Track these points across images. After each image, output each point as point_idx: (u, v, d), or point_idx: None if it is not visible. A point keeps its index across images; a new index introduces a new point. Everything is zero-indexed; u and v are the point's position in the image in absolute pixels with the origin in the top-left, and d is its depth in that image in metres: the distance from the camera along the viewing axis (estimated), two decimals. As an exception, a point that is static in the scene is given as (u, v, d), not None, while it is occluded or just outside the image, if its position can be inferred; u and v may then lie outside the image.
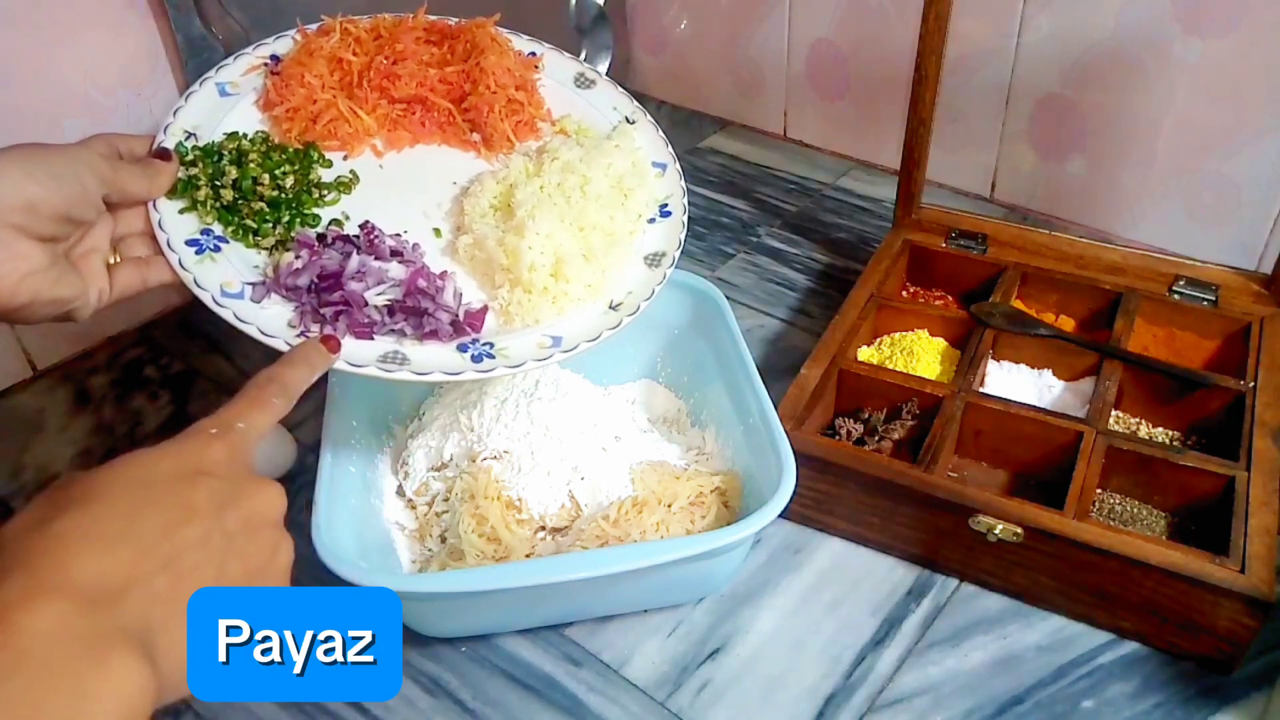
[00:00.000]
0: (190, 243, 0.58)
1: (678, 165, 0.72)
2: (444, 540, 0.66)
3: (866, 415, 0.74)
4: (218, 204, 0.60)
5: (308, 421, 0.80)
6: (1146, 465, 0.66)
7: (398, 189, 0.67)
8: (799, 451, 0.61)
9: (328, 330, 0.57)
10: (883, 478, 0.64)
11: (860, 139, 1.11)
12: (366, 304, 0.58)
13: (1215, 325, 0.76)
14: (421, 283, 0.59)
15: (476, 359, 0.59)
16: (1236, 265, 0.79)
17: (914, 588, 0.66)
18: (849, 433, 0.73)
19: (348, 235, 0.61)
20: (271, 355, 0.54)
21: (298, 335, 0.57)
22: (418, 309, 0.59)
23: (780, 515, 0.57)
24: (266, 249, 0.60)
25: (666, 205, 0.70)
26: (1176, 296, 0.78)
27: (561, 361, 0.61)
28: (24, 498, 0.75)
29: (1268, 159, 0.85)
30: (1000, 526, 0.61)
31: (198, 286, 0.57)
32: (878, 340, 0.80)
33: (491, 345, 0.60)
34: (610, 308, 0.64)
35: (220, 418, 0.45)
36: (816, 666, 0.61)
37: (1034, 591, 0.64)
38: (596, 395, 0.73)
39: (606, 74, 0.76)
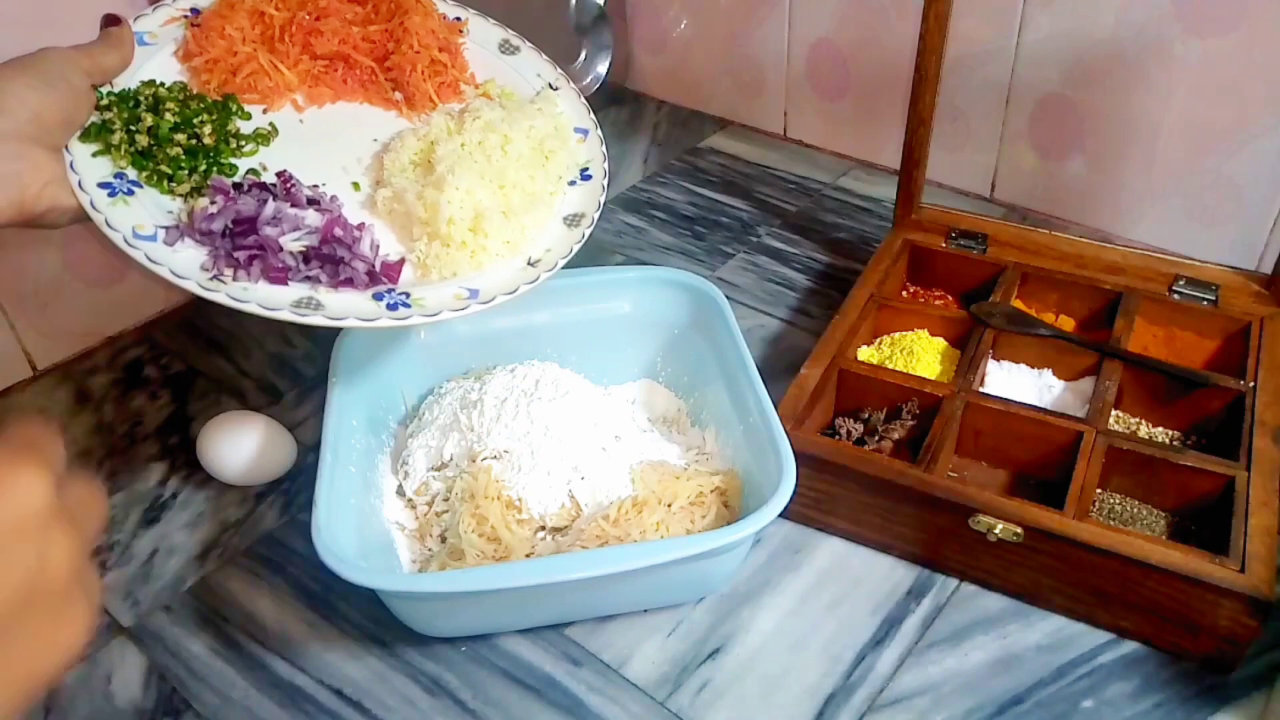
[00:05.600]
0: (103, 185, 0.58)
1: (599, 132, 0.73)
2: (444, 540, 0.66)
3: (866, 415, 0.74)
4: (132, 149, 0.60)
5: (308, 421, 0.80)
6: (1146, 465, 0.66)
7: (317, 143, 0.67)
8: (799, 451, 0.61)
9: (241, 274, 0.57)
10: (883, 478, 0.64)
11: (860, 139, 1.11)
12: (281, 249, 0.58)
13: (1215, 325, 0.76)
14: (338, 231, 0.60)
15: (392, 307, 0.59)
16: (1236, 265, 0.79)
17: (914, 587, 0.66)
18: (849, 433, 0.73)
19: (264, 183, 0.62)
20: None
21: (211, 279, 0.57)
22: (333, 257, 0.59)
23: (780, 515, 0.57)
24: (182, 195, 0.60)
25: (587, 169, 0.71)
26: (1176, 296, 0.78)
27: (478, 313, 0.61)
28: (24, 498, 0.75)
29: (1268, 159, 0.85)
30: (1000, 526, 0.61)
31: (109, 227, 0.56)
32: (878, 340, 0.80)
33: (408, 295, 0.60)
34: (529, 264, 0.65)
35: None
36: (816, 666, 0.61)
37: (1034, 591, 0.64)
38: (596, 395, 0.73)
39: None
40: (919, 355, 0.77)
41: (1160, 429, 0.73)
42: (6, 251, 0.80)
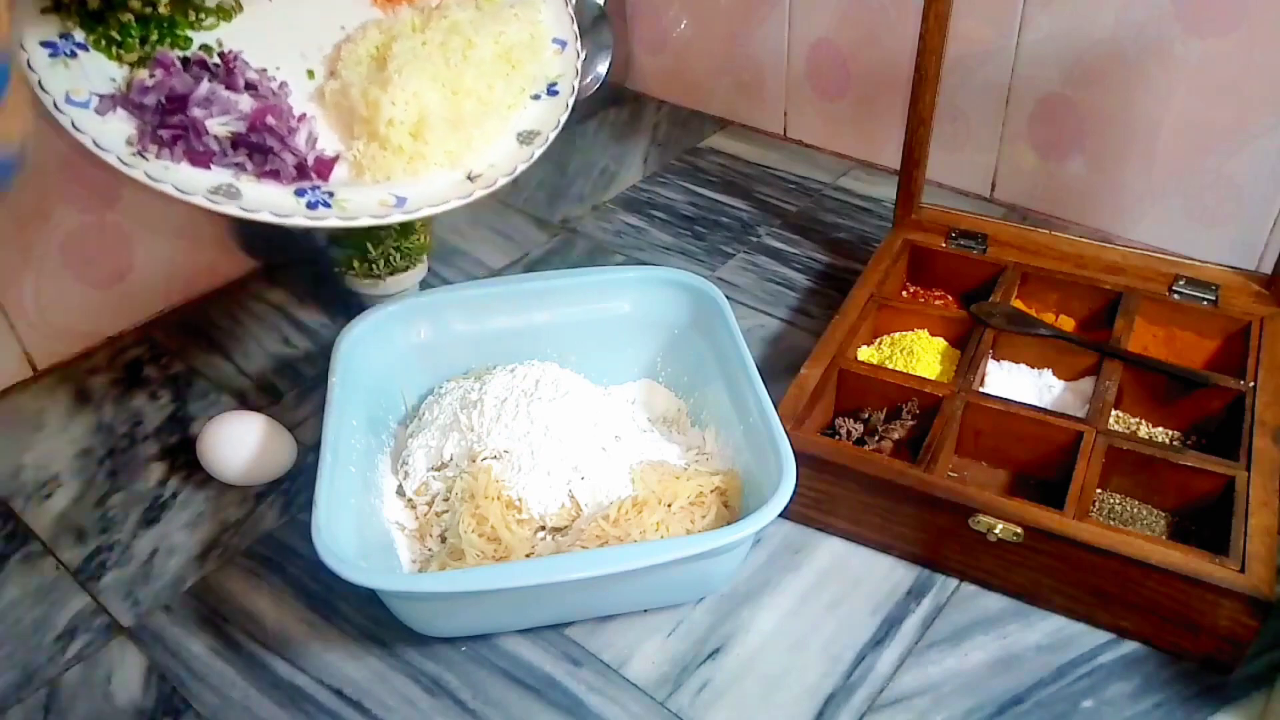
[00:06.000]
0: (46, 44, 0.56)
1: (579, 46, 0.69)
2: (444, 540, 0.66)
3: (866, 415, 0.74)
4: (83, 9, 0.57)
5: (308, 421, 0.80)
6: (1146, 465, 0.66)
7: (281, 24, 0.64)
8: (799, 451, 0.61)
9: (164, 153, 0.55)
10: (883, 478, 0.64)
11: (860, 139, 1.11)
12: (206, 132, 0.57)
13: (1215, 325, 0.76)
14: (270, 120, 0.58)
15: (311, 205, 0.57)
16: (1236, 265, 0.79)
17: (914, 587, 0.66)
18: (849, 433, 0.73)
19: (207, 62, 0.60)
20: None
21: (133, 154, 0.55)
22: (262, 146, 0.57)
23: (780, 515, 0.57)
24: (129, 64, 0.58)
25: (555, 84, 0.68)
26: (1176, 296, 0.78)
27: (401, 221, 0.59)
28: (24, 497, 0.75)
29: (1268, 159, 0.85)
30: (1000, 526, 0.61)
31: (41, 89, 0.55)
32: (878, 340, 0.80)
33: (331, 195, 0.58)
34: (468, 178, 0.62)
35: None
36: (816, 666, 0.61)
37: (1034, 591, 0.64)
38: (596, 395, 0.73)
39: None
40: (919, 355, 0.77)
41: (1160, 429, 0.73)
42: (6, 252, 0.81)
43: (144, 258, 0.90)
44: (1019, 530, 0.61)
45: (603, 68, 1.19)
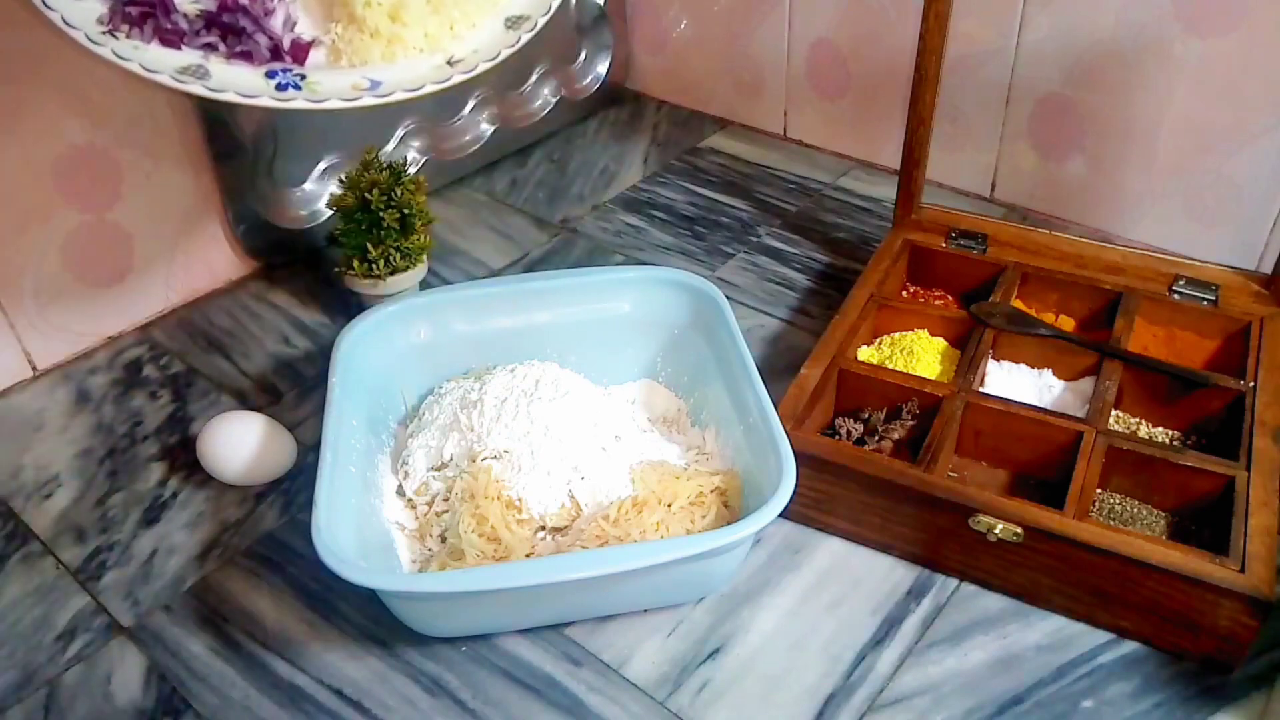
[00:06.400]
0: None
1: None
2: (444, 540, 0.66)
3: (866, 415, 0.74)
4: None
5: (308, 421, 0.80)
6: (1146, 465, 0.66)
7: None
8: (799, 451, 0.61)
9: (135, 33, 0.54)
10: (883, 478, 0.64)
11: (860, 139, 1.11)
12: (174, 9, 0.56)
13: (1215, 325, 0.76)
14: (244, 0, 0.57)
15: (281, 88, 0.56)
16: (1236, 265, 0.79)
17: (914, 587, 0.66)
18: (849, 433, 0.73)
19: None
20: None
21: (103, 33, 0.54)
22: (234, 27, 0.56)
23: (780, 515, 0.57)
24: None
25: None
26: (1176, 296, 0.78)
27: (371, 105, 0.58)
28: (24, 497, 0.75)
29: (1268, 159, 0.85)
30: (1000, 526, 0.61)
31: None
32: (878, 340, 0.80)
33: (303, 78, 0.57)
34: (448, 63, 0.61)
35: None
36: (816, 666, 0.61)
37: (1034, 591, 0.64)
38: (596, 395, 0.73)
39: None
40: (919, 355, 0.77)
41: (1160, 429, 0.73)
42: (6, 252, 0.81)
43: (144, 258, 0.90)
44: (1019, 530, 0.61)
45: (603, 68, 1.19)
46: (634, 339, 0.77)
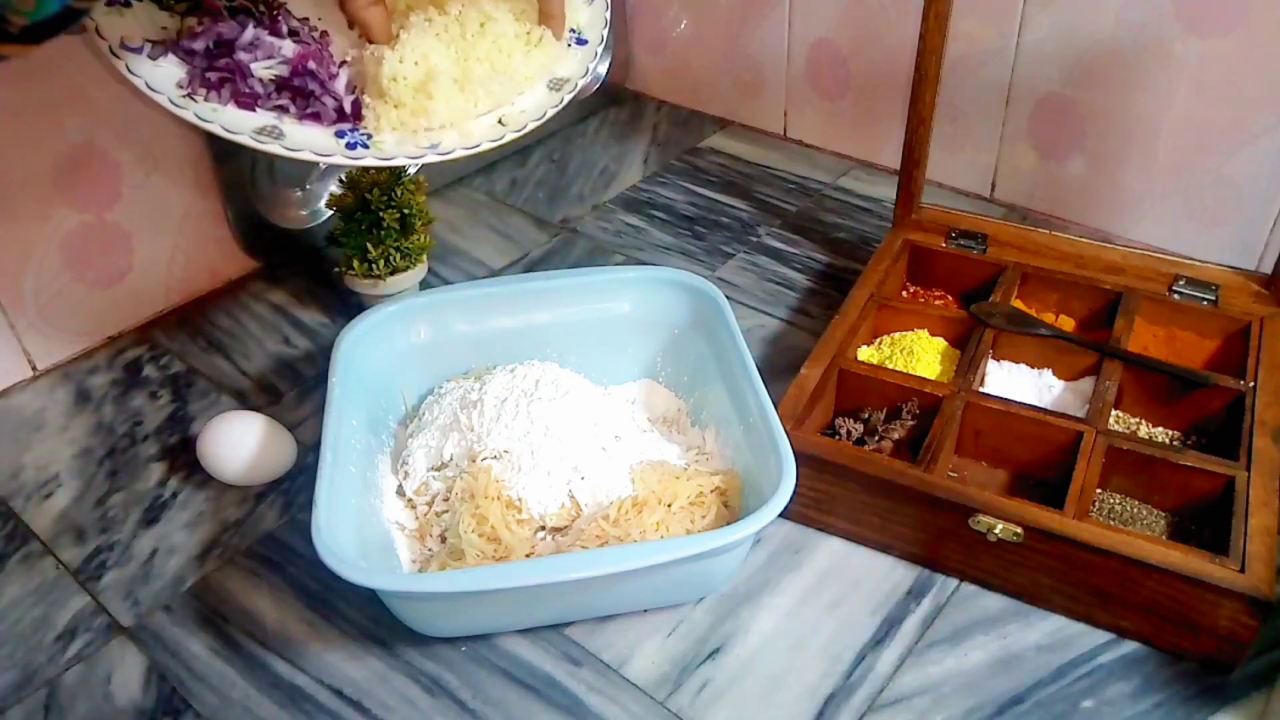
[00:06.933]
0: None
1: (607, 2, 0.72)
2: (444, 540, 0.66)
3: (866, 415, 0.74)
4: None
5: (308, 421, 0.80)
6: (1146, 465, 0.66)
7: None
8: (799, 451, 0.61)
9: (212, 96, 0.59)
10: (883, 478, 0.64)
11: (860, 139, 1.11)
12: (251, 74, 0.60)
13: (1215, 325, 0.76)
14: (312, 65, 0.61)
15: (351, 146, 0.60)
16: (1236, 265, 0.79)
17: (914, 587, 0.66)
18: (849, 433, 0.73)
19: (252, 9, 0.63)
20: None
21: (184, 95, 0.59)
22: (304, 90, 0.61)
23: (780, 515, 0.57)
24: (180, 13, 0.61)
25: (583, 35, 0.71)
26: (1176, 296, 0.78)
27: (434, 161, 0.62)
28: (24, 497, 0.75)
29: (1268, 159, 0.85)
30: (1000, 526, 0.61)
31: (99, 35, 0.58)
32: (878, 340, 0.80)
33: (370, 137, 0.62)
34: (499, 122, 0.65)
35: None
36: (816, 666, 0.61)
37: (1034, 591, 0.64)
38: (596, 395, 0.73)
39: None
40: (919, 355, 0.77)
41: (1160, 429, 0.73)
42: (6, 252, 0.81)
43: (144, 258, 0.90)
44: (1019, 530, 0.61)
45: (603, 68, 1.19)
46: (634, 339, 0.77)
